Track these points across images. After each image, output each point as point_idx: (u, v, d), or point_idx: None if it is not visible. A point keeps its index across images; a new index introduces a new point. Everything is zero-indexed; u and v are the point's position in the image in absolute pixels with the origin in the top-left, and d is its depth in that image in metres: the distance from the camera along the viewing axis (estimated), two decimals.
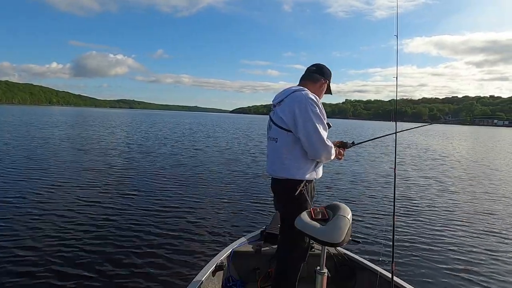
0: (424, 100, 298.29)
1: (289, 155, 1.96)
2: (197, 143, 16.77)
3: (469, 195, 7.53)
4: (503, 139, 37.91)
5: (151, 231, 4.36)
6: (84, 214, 4.91)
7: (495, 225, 5.29)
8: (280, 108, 2.01)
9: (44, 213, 4.84)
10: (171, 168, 9.22)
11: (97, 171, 8.20)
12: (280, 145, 1.99)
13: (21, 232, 4.09)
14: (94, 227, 4.40)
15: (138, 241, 4.02)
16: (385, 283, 2.25)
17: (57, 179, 7.10)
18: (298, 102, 1.93)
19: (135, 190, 6.51)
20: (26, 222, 4.43)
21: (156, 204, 5.58)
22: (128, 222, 4.65)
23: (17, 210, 4.92)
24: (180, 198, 6.10)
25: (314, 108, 1.91)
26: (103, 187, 6.59)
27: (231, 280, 2.61)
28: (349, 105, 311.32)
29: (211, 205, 5.76)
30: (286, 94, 2.02)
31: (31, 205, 5.20)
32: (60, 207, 5.15)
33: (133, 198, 5.92)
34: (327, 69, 2.20)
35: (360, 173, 9.82)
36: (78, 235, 4.11)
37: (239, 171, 9.21)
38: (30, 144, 12.84)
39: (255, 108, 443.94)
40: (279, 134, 2.00)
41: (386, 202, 6.35)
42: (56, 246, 3.75)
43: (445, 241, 4.50)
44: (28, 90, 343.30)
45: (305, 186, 1.99)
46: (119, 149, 12.98)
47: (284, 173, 1.98)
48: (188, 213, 5.23)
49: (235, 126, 40.87)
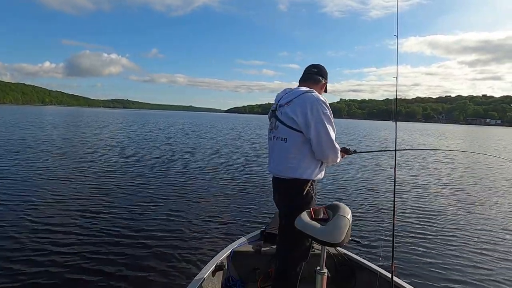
0: (418, 100, 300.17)
1: (297, 155, 1.98)
2: (196, 143, 16.69)
3: (470, 195, 7.56)
4: (503, 139, 38.17)
5: (151, 232, 4.34)
6: (84, 214, 4.87)
7: (496, 225, 5.32)
8: (289, 108, 2.01)
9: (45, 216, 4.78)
10: (170, 168, 9.17)
11: (92, 173, 8.13)
12: (290, 145, 2.00)
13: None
14: (93, 228, 4.36)
15: (138, 242, 4.01)
16: (385, 283, 2.27)
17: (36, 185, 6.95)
18: (310, 103, 1.95)
19: (134, 190, 6.47)
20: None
21: (155, 205, 5.56)
22: (128, 223, 4.63)
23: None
24: (179, 198, 6.09)
25: (325, 110, 1.95)
26: (101, 189, 6.53)
27: (231, 280, 2.61)
28: (344, 104, 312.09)
29: (211, 205, 5.76)
30: (296, 94, 2.03)
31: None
32: (58, 213, 5.10)
33: (132, 198, 5.88)
34: (326, 70, 2.27)
35: (360, 173, 9.85)
36: (78, 235, 4.08)
37: (239, 171, 9.21)
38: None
39: (250, 107, 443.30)
40: (289, 134, 2.00)
41: (386, 202, 6.38)
42: (56, 247, 3.72)
43: (445, 241, 4.53)
44: (20, 89, 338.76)
45: (311, 186, 2.02)
46: (113, 149, 12.87)
47: (291, 173, 1.99)
48: (188, 213, 5.22)
49: (233, 126, 40.78)
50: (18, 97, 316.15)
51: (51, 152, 11.18)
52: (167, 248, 3.86)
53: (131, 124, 33.86)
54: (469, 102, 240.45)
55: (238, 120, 73.40)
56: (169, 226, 4.61)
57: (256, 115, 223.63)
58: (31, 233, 4.08)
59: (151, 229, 4.45)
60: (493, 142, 31.18)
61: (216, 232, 4.47)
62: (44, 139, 15.00)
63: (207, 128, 33.13)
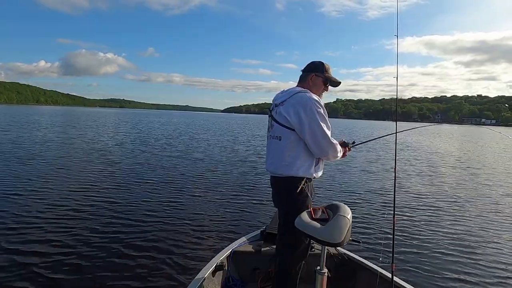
0: (414, 100, 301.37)
1: (292, 153, 2.01)
2: (196, 143, 16.64)
3: (470, 195, 7.59)
4: (502, 139, 38.29)
5: (150, 232, 4.34)
6: (83, 214, 4.86)
7: (496, 225, 5.34)
8: (283, 107, 2.06)
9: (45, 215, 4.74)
10: (170, 168, 9.15)
11: (93, 173, 8.08)
12: (284, 143, 2.04)
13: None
14: (93, 228, 4.34)
15: (138, 242, 4.00)
16: (385, 283, 2.27)
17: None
18: (304, 103, 1.98)
19: (134, 190, 6.45)
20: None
21: (155, 205, 5.55)
22: (127, 223, 4.62)
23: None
24: (179, 198, 6.08)
25: (318, 109, 1.97)
26: (101, 188, 6.50)
27: (231, 280, 2.61)
28: (340, 104, 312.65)
29: (211, 205, 5.75)
30: (290, 94, 2.07)
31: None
32: (55, 208, 5.07)
33: (132, 198, 5.86)
34: (316, 63, 2.19)
35: (360, 173, 9.88)
36: (77, 235, 4.07)
37: (239, 171, 9.21)
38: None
39: (246, 107, 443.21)
40: (283, 132, 2.04)
41: (386, 202, 6.39)
42: (54, 247, 3.70)
43: (446, 241, 4.55)
44: (15, 89, 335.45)
45: (305, 184, 2.03)
46: (112, 149, 12.81)
47: (286, 171, 2.02)
48: (188, 213, 5.21)
49: (232, 124, 40.62)
50: (13, 97, 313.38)
51: (20, 156, 9.83)
52: (167, 248, 3.85)
53: (132, 124, 33.43)
54: (464, 102, 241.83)
55: (234, 120, 73.34)
56: (169, 226, 4.60)
57: (253, 115, 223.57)
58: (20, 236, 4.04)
59: (151, 229, 4.43)
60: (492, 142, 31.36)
61: (216, 232, 4.47)
62: (21, 141, 13.56)
63: (207, 128, 33.03)
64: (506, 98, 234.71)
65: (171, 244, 3.98)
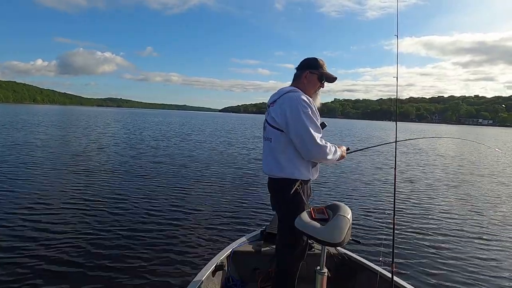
0: (412, 100, 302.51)
1: (283, 155, 1.99)
2: (196, 143, 16.57)
3: (470, 195, 7.60)
4: (501, 139, 38.44)
5: (150, 232, 4.32)
6: (82, 215, 4.84)
7: (497, 225, 5.34)
8: (273, 108, 2.04)
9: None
10: (169, 168, 9.11)
11: (92, 172, 8.06)
12: (274, 145, 2.02)
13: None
14: (92, 229, 4.33)
15: (138, 242, 3.99)
16: (385, 283, 2.27)
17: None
18: (290, 103, 1.95)
19: (133, 190, 6.42)
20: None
21: (155, 205, 5.53)
22: (127, 223, 4.60)
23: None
24: (179, 198, 6.05)
25: (305, 109, 1.91)
26: (100, 189, 6.47)
27: (231, 280, 2.61)
28: (338, 104, 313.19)
29: (211, 205, 5.74)
30: (280, 94, 2.05)
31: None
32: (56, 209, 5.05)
33: (131, 199, 5.83)
34: (310, 60, 2.14)
35: (360, 173, 9.87)
36: (76, 235, 4.05)
37: (239, 171, 9.18)
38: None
39: (244, 107, 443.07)
40: (273, 133, 2.02)
41: (386, 202, 6.39)
42: (55, 248, 3.69)
43: (446, 241, 4.55)
44: (11, 87, 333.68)
45: (300, 186, 2.00)
46: (112, 149, 12.77)
47: (279, 172, 2.00)
48: (188, 213, 5.20)
49: (230, 124, 40.58)
50: (9, 95, 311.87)
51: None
52: (167, 248, 3.84)
53: (131, 124, 33.23)
54: (462, 103, 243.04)
55: (233, 119, 73.24)
56: (169, 226, 4.59)
57: (251, 115, 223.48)
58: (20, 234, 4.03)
59: (151, 229, 4.42)
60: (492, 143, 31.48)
61: (216, 232, 4.46)
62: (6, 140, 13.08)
63: (206, 128, 32.90)
64: (503, 98, 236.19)
65: (171, 244, 3.97)
